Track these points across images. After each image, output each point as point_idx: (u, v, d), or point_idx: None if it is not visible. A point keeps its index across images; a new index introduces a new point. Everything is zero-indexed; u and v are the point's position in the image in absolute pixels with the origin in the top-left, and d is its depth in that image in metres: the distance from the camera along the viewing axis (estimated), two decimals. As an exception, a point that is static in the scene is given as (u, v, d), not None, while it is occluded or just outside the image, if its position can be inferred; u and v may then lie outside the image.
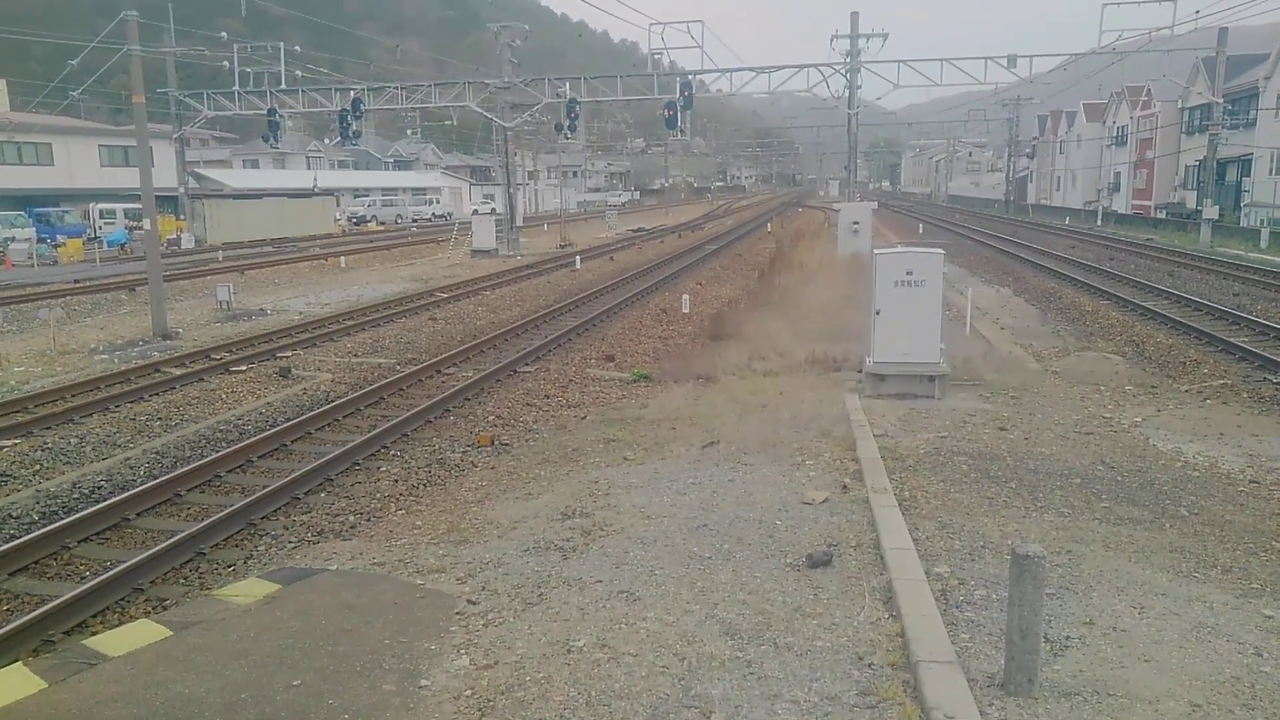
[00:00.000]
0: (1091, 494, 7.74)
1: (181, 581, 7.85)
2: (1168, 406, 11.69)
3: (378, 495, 9.76)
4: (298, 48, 41.01)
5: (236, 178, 66.53)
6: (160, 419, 12.77)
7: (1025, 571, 4.36)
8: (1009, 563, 4.51)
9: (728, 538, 6.77)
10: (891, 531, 6.60)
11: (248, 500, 9.22)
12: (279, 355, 17.07)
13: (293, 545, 8.38)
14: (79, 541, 8.50)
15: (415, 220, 67.44)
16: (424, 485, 10.05)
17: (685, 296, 22.51)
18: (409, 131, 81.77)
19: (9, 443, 11.42)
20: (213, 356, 16.78)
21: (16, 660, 5.86)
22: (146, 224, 20.48)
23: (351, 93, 37.71)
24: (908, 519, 6.91)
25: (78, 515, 8.84)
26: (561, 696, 4.67)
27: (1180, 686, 4.58)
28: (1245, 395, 12.48)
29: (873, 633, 5.23)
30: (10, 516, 9.24)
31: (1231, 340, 15.72)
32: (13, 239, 37.11)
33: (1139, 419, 10.86)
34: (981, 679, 4.62)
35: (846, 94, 36.82)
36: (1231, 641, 5.08)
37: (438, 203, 74.66)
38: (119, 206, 45.03)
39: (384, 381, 14.54)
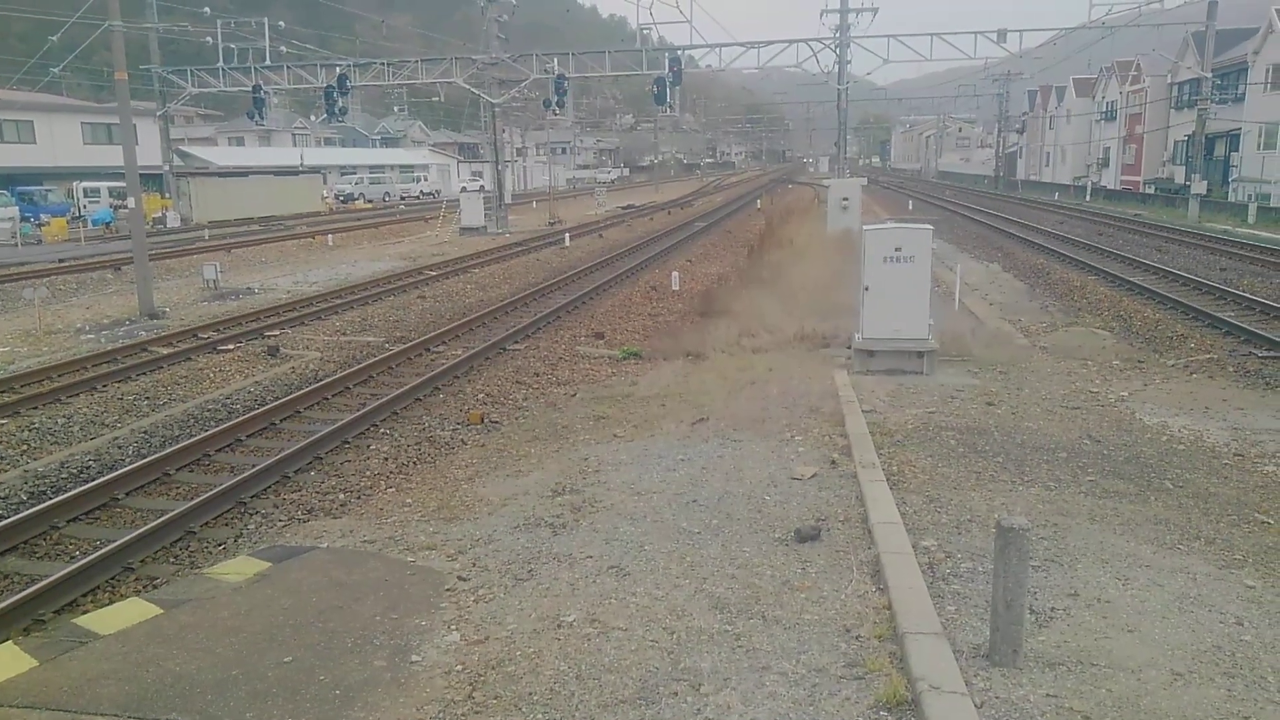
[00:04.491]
0: (1078, 468, 7.80)
1: (172, 560, 7.84)
2: (1154, 381, 11.76)
3: (367, 473, 9.76)
4: (282, 23, 40.62)
5: (222, 155, 65.87)
6: (148, 398, 12.72)
7: (1010, 544, 4.40)
8: (994, 535, 4.55)
9: (717, 513, 6.81)
10: (879, 506, 6.65)
11: (237, 479, 9.20)
12: (267, 334, 16.99)
13: (283, 523, 8.38)
14: (68, 521, 8.47)
15: (403, 198, 66.99)
16: (414, 463, 10.05)
17: (675, 274, 22.47)
18: (396, 108, 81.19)
19: (-4, 423, 11.35)
20: (200, 336, 16.69)
21: (7, 639, 5.86)
22: (131, 202, 20.29)
23: (338, 69, 37.31)
24: (895, 493, 6.95)
25: (66, 495, 8.80)
26: (552, 671, 4.70)
27: (1163, 656, 4.64)
28: (1231, 369, 12.57)
29: (860, 605, 5.27)
30: (-2, 497, 9.20)
31: (1218, 315, 15.80)
32: (-4, 218, 36.70)
33: (1126, 393, 10.93)
34: (967, 650, 4.67)
35: (836, 69, 36.64)
36: (1214, 612, 5.15)
37: (425, 180, 74.16)
38: (103, 185, 44.51)
39: (373, 360, 14.50)
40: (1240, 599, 5.33)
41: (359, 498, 8.94)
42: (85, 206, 43.52)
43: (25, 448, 10.63)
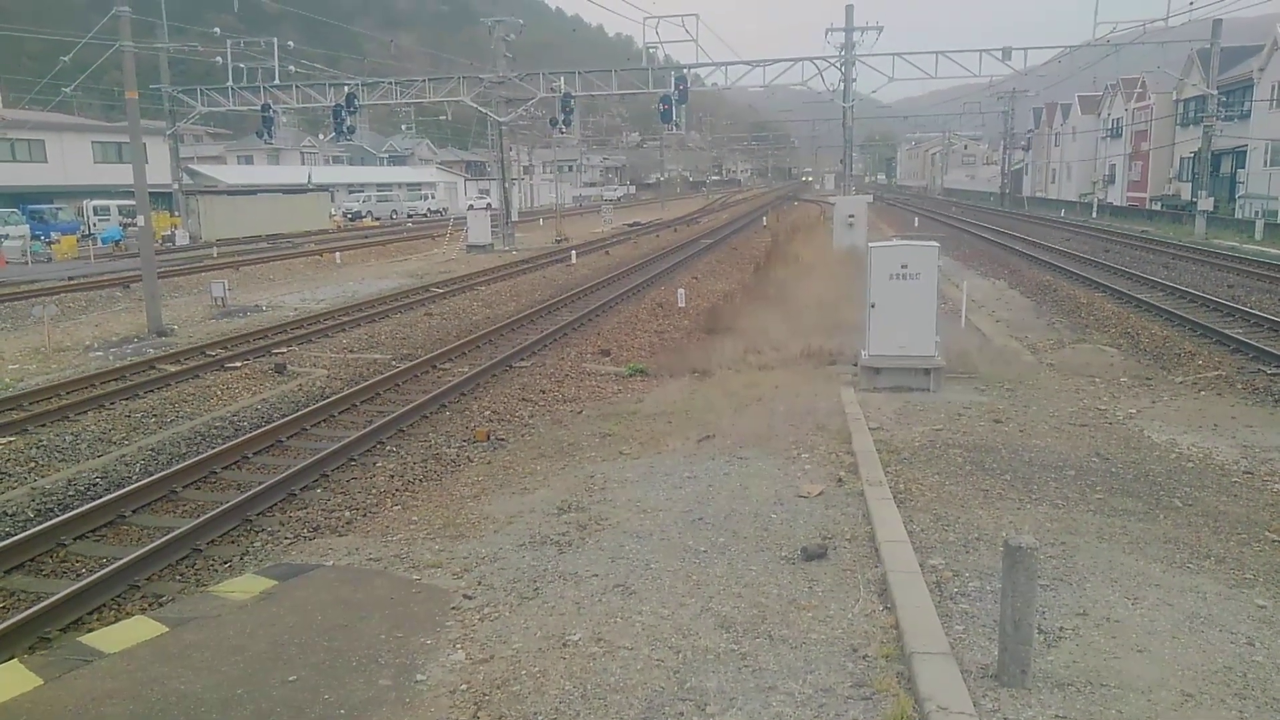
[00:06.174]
0: (1086, 486, 7.76)
1: (178, 578, 7.85)
2: (1162, 398, 11.72)
3: (373, 491, 9.76)
4: (291, 43, 40.87)
5: (230, 174, 66.35)
6: (155, 416, 12.76)
7: (1018, 563, 4.37)
8: (1002, 554, 4.52)
9: (723, 531, 6.78)
10: (886, 524, 6.62)
11: (244, 496, 9.22)
12: (274, 351, 17.04)
13: (289, 541, 8.38)
14: (75, 539, 8.49)
15: (410, 215, 67.35)
16: (420, 481, 10.05)
17: (681, 291, 22.49)
18: (404, 126, 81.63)
19: (4, 440, 11.39)
20: (208, 353, 16.75)
21: (13, 658, 5.86)
22: (140, 220, 20.41)
23: (346, 88, 37.63)
24: (902, 512, 6.92)
25: (73, 512, 8.83)
26: (557, 690, 4.68)
27: (1173, 676, 4.60)
28: (1240, 386, 12.51)
29: (867, 625, 5.24)
30: (5, 514, 9.23)
31: (1226, 332, 15.75)
32: (6, 236, 37.00)
33: (1134, 411, 10.89)
34: (975, 670, 4.64)
35: (842, 87, 36.81)
36: (1224, 631, 5.11)
37: (433, 198, 74.57)
38: (113, 203, 44.87)
39: (379, 377, 14.53)
40: (1251, 619, 5.29)
41: (365, 515, 8.95)
42: (95, 224, 43.84)
43: (33, 465, 10.67)
